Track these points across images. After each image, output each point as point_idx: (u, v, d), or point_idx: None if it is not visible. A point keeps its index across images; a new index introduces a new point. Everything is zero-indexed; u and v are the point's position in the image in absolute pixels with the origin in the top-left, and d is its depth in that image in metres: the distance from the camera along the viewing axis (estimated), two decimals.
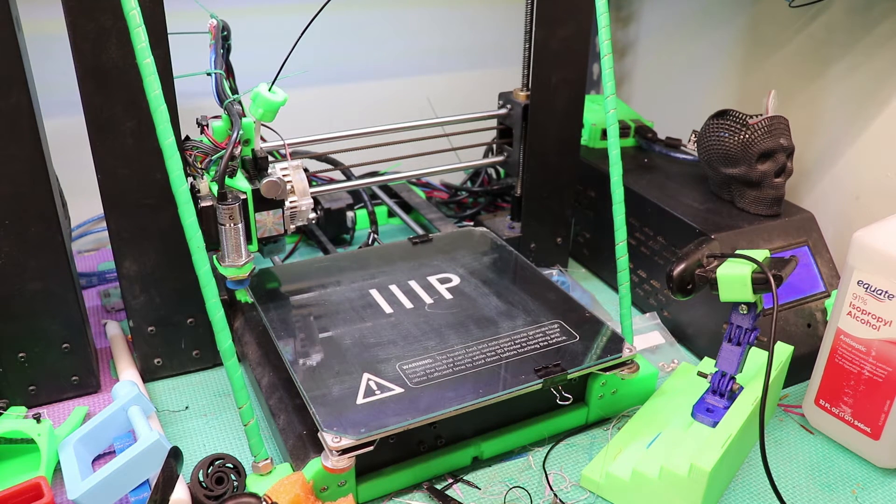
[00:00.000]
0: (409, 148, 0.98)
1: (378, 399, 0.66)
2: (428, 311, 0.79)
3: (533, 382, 0.69)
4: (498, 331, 0.76)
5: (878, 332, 0.69)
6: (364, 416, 0.64)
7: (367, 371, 0.69)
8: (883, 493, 0.71)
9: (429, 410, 0.65)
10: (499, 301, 0.81)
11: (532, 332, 0.75)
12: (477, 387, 0.68)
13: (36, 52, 0.74)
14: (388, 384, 0.68)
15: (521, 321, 0.77)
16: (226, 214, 0.69)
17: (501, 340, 0.74)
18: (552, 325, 0.77)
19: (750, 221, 0.89)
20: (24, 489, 0.62)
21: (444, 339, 0.74)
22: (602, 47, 0.73)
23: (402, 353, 0.72)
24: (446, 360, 0.71)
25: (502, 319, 0.78)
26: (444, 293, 0.82)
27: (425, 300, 0.81)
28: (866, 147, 0.97)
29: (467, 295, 0.82)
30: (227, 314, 0.65)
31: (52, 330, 0.76)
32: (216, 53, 0.70)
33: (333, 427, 0.62)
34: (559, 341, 0.74)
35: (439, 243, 0.94)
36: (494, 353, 0.72)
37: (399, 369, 0.70)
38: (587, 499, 0.70)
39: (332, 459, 0.61)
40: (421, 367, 0.70)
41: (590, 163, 1.06)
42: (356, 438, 0.61)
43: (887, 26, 0.92)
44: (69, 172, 0.87)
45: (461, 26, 1.28)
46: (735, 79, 1.15)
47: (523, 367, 0.71)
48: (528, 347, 0.73)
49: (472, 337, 0.75)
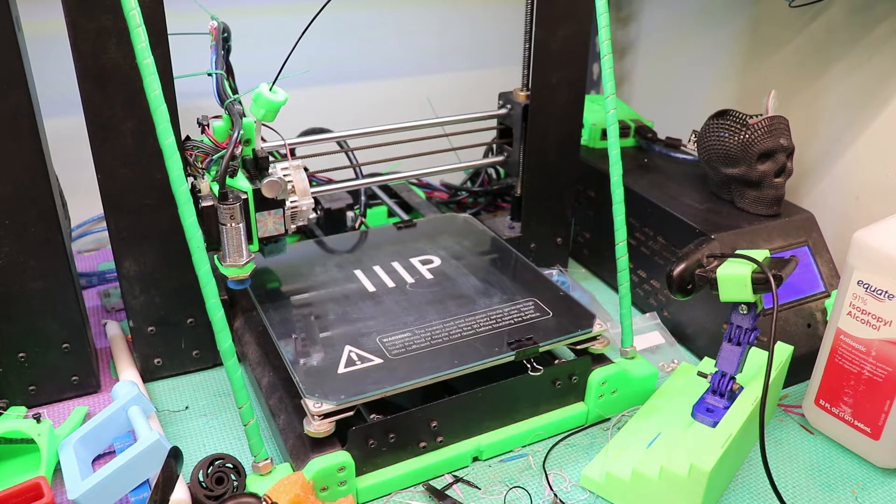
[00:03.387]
0: (409, 148, 0.98)
1: (358, 369, 0.69)
2: (409, 290, 0.82)
3: (506, 354, 0.72)
4: (475, 308, 0.79)
5: (878, 332, 0.69)
6: (344, 384, 0.67)
7: (349, 344, 0.72)
8: (883, 494, 0.71)
9: (405, 379, 0.68)
10: (477, 281, 0.85)
11: (507, 309, 0.79)
12: (452, 358, 0.71)
13: (36, 52, 0.74)
14: (369, 355, 0.71)
15: (497, 299, 0.81)
16: (227, 214, 0.69)
17: (478, 316, 0.77)
18: (527, 302, 0.80)
19: (750, 221, 0.89)
20: (24, 489, 0.62)
21: (423, 315, 0.78)
22: (602, 47, 0.73)
23: (383, 327, 0.75)
24: (424, 333, 0.74)
25: (479, 297, 0.81)
26: (425, 273, 0.86)
27: (407, 279, 0.84)
28: (866, 147, 0.97)
29: (447, 275, 0.86)
30: (227, 314, 0.65)
31: (52, 330, 0.76)
32: (217, 54, 0.70)
33: (315, 393, 0.66)
34: (533, 317, 0.78)
35: (423, 228, 0.98)
36: (470, 327, 0.76)
37: (379, 342, 0.73)
38: (587, 499, 0.70)
39: (314, 424, 0.65)
40: (400, 340, 0.73)
41: (590, 163, 1.06)
42: (336, 404, 0.65)
43: (887, 26, 0.92)
44: (69, 172, 0.87)
45: (461, 26, 1.28)
46: (735, 79, 1.15)
47: (497, 340, 0.74)
48: (503, 323, 0.77)
49: (450, 313, 0.78)
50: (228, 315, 0.80)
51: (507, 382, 0.72)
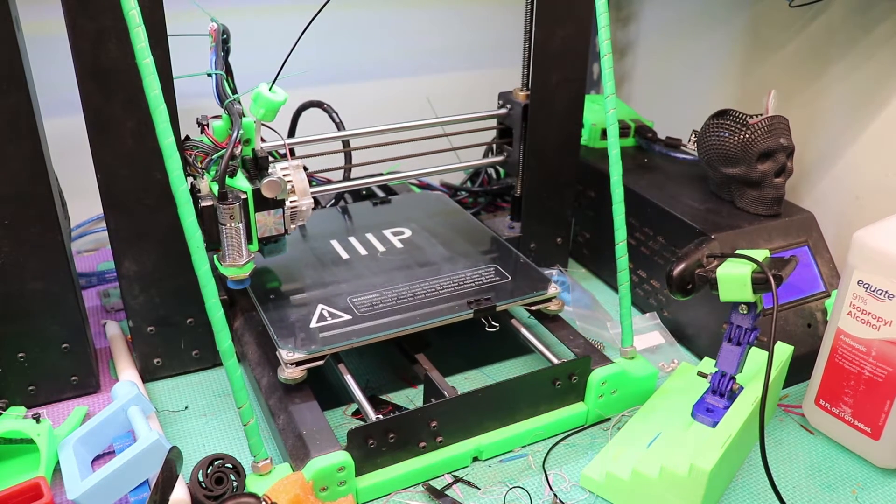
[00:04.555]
0: (409, 148, 0.98)
1: (329, 324, 0.76)
2: (380, 257, 0.89)
3: (465, 312, 0.79)
4: (439, 272, 0.86)
5: (879, 332, 0.69)
6: (315, 336, 0.74)
7: (322, 303, 0.79)
8: (883, 494, 0.71)
9: (370, 333, 0.75)
10: (444, 249, 0.91)
11: (469, 274, 0.85)
12: (415, 315, 0.78)
13: (36, 52, 0.74)
14: (339, 313, 0.78)
15: (461, 265, 0.87)
16: (226, 214, 0.69)
17: (441, 280, 0.84)
18: (488, 268, 0.87)
19: (750, 221, 0.89)
20: (23, 489, 0.62)
21: (392, 278, 0.84)
22: (602, 47, 0.73)
23: (353, 289, 0.82)
24: (391, 294, 0.81)
25: (444, 263, 0.88)
26: (396, 243, 0.93)
27: (378, 248, 0.91)
28: (866, 147, 0.97)
29: (416, 244, 0.92)
30: (227, 314, 0.65)
31: (51, 330, 0.76)
32: (217, 55, 0.70)
33: (288, 344, 0.73)
34: (493, 281, 0.84)
35: (398, 204, 1.04)
36: (434, 289, 0.82)
37: (349, 302, 0.80)
38: (587, 499, 0.70)
39: (287, 371, 0.72)
40: (368, 300, 0.80)
41: (590, 163, 1.06)
42: (307, 353, 0.72)
43: (887, 26, 0.92)
44: (69, 172, 0.87)
45: (461, 26, 1.28)
46: (735, 79, 1.15)
47: (458, 300, 0.80)
48: (465, 286, 0.83)
49: (416, 277, 0.84)
50: (228, 315, 0.80)
51: (507, 382, 0.72)
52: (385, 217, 1.00)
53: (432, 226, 0.97)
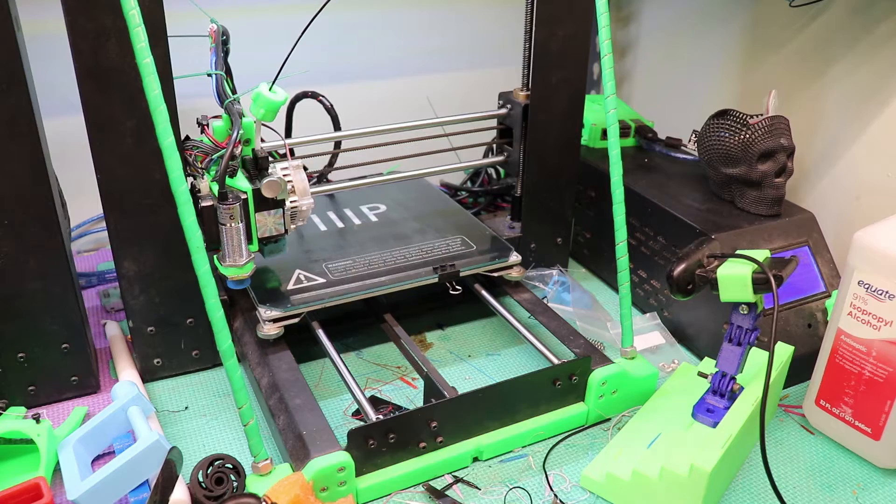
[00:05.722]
0: (409, 148, 0.98)
1: (304, 286, 0.82)
2: (355, 229, 0.96)
3: (430, 277, 0.85)
4: (410, 242, 0.92)
5: (879, 333, 0.69)
6: (291, 297, 0.80)
7: (299, 268, 0.85)
8: (883, 494, 0.71)
9: (342, 294, 0.82)
10: (416, 223, 0.98)
11: (437, 243, 0.92)
12: (385, 280, 0.84)
13: (36, 52, 0.74)
14: (315, 277, 0.84)
15: (430, 236, 0.94)
16: (226, 214, 0.69)
17: (411, 249, 0.91)
18: (455, 238, 0.93)
19: (750, 221, 0.89)
20: (23, 489, 0.62)
21: (365, 247, 0.91)
22: (602, 47, 0.73)
23: (329, 256, 0.89)
24: (364, 261, 0.88)
25: (415, 235, 0.94)
26: (371, 217, 0.99)
27: (355, 222, 0.98)
28: (867, 147, 0.97)
29: (390, 218, 0.99)
30: (227, 314, 0.65)
31: (51, 330, 0.76)
32: (217, 56, 0.70)
33: (266, 303, 0.79)
34: (458, 250, 0.91)
35: (378, 185, 1.08)
36: (403, 257, 0.89)
37: (324, 267, 0.86)
38: (587, 499, 0.70)
39: (265, 327, 0.78)
40: (342, 266, 0.87)
41: (590, 163, 1.06)
42: (283, 311, 0.79)
43: (888, 26, 0.92)
44: (69, 172, 0.87)
45: (461, 26, 1.28)
46: (735, 79, 1.15)
47: (425, 266, 0.87)
48: (432, 254, 0.90)
49: (388, 246, 0.91)
50: (228, 315, 0.80)
51: (507, 382, 0.72)
52: (363, 195, 1.05)
53: (408, 203, 1.03)
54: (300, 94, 1.03)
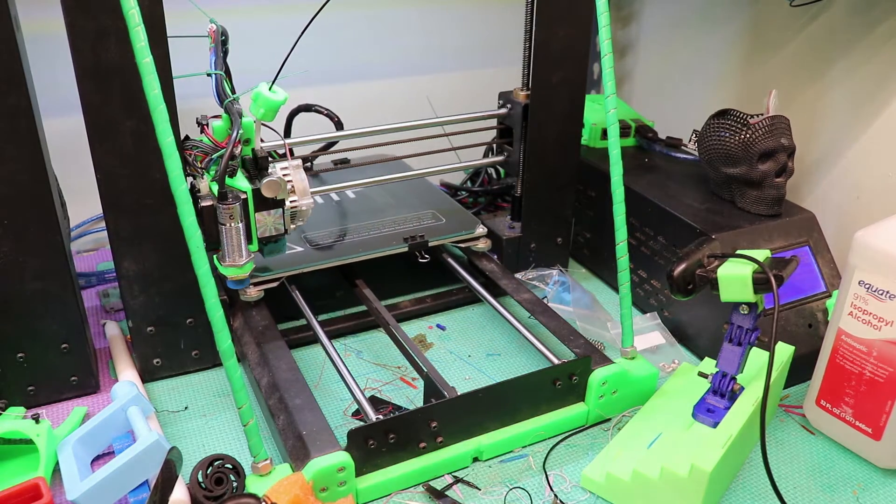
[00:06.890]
0: (408, 148, 0.98)
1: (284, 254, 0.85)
2: (334, 205, 1.03)
3: (400, 246, 0.92)
4: (384, 216, 1.00)
5: (880, 333, 0.69)
6: (270, 263, 0.86)
7: None
8: (884, 494, 0.71)
9: (318, 260, 0.89)
10: (392, 200, 1.05)
11: (409, 217, 1.00)
12: (357, 248, 0.91)
13: (36, 52, 0.74)
14: (294, 246, 0.91)
15: (404, 211, 1.01)
16: (226, 214, 0.68)
17: (385, 221, 0.98)
18: (426, 213, 1.00)
19: (751, 221, 0.89)
20: (23, 490, 0.62)
21: (342, 220, 0.99)
22: (602, 47, 0.73)
23: (308, 228, 0.95)
24: (339, 232, 0.95)
25: (389, 209, 1.02)
26: (350, 194, 1.07)
27: (334, 198, 1.05)
28: (867, 147, 0.96)
29: (368, 196, 1.06)
30: (227, 314, 0.65)
31: (51, 330, 0.76)
32: (216, 56, 0.70)
33: None
34: (429, 223, 0.98)
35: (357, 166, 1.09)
36: (377, 229, 0.96)
37: (303, 238, 0.93)
38: (587, 499, 0.70)
39: (248, 291, 0.84)
40: (320, 236, 0.94)
41: (590, 162, 1.06)
42: (264, 276, 0.86)
43: (888, 26, 0.91)
44: (69, 172, 0.87)
45: (461, 26, 1.28)
46: (735, 78, 1.15)
47: (396, 237, 0.94)
48: (404, 226, 0.97)
49: (363, 220, 0.98)
50: (228, 315, 0.80)
51: (507, 382, 0.72)
52: (344, 175, 1.07)
53: (389, 185, 1.08)
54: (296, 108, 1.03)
